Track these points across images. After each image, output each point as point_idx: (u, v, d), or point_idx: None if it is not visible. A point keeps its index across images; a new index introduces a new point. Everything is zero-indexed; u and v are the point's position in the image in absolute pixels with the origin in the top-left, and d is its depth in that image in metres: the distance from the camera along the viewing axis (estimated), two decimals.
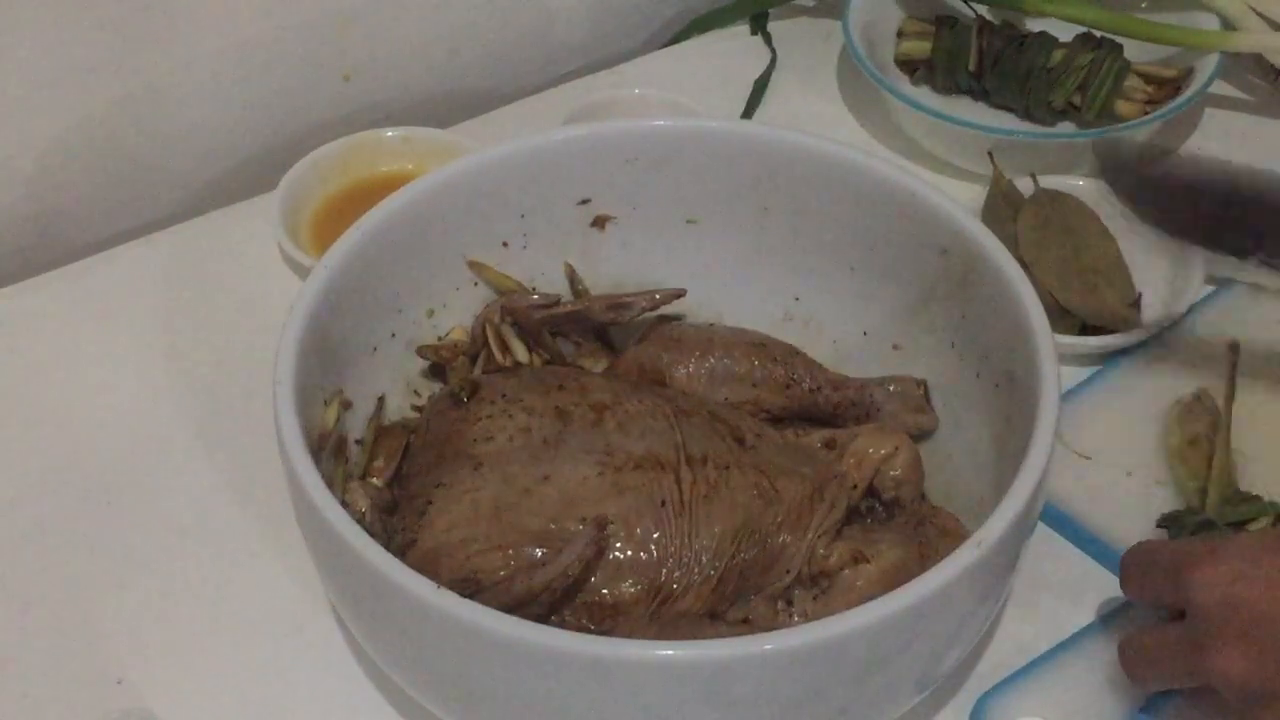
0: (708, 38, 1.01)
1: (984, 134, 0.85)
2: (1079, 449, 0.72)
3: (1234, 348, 0.74)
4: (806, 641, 0.51)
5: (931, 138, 0.88)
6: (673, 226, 0.72)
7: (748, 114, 0.94)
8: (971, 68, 0.90)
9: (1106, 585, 0.67)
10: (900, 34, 0.93)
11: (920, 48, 0.92)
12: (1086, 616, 0.66)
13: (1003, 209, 0.80)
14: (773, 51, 0.97)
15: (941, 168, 0.88)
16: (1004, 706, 0.62)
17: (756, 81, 0.95)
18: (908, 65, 0.93)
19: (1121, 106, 0.87)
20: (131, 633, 0.66)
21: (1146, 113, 0.87)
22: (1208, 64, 0.87)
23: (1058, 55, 0.88)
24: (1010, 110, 0.91)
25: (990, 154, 0.83)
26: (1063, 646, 0.64)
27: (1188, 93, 0.86)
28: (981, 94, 0.91)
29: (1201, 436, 0.70)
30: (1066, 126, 0.89)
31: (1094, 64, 0.87)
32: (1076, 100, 0.88)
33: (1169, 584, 0.56)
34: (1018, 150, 0.85)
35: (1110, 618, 0.65)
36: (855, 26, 0.90)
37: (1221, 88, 0.93)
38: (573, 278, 0.73)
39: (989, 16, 0.93)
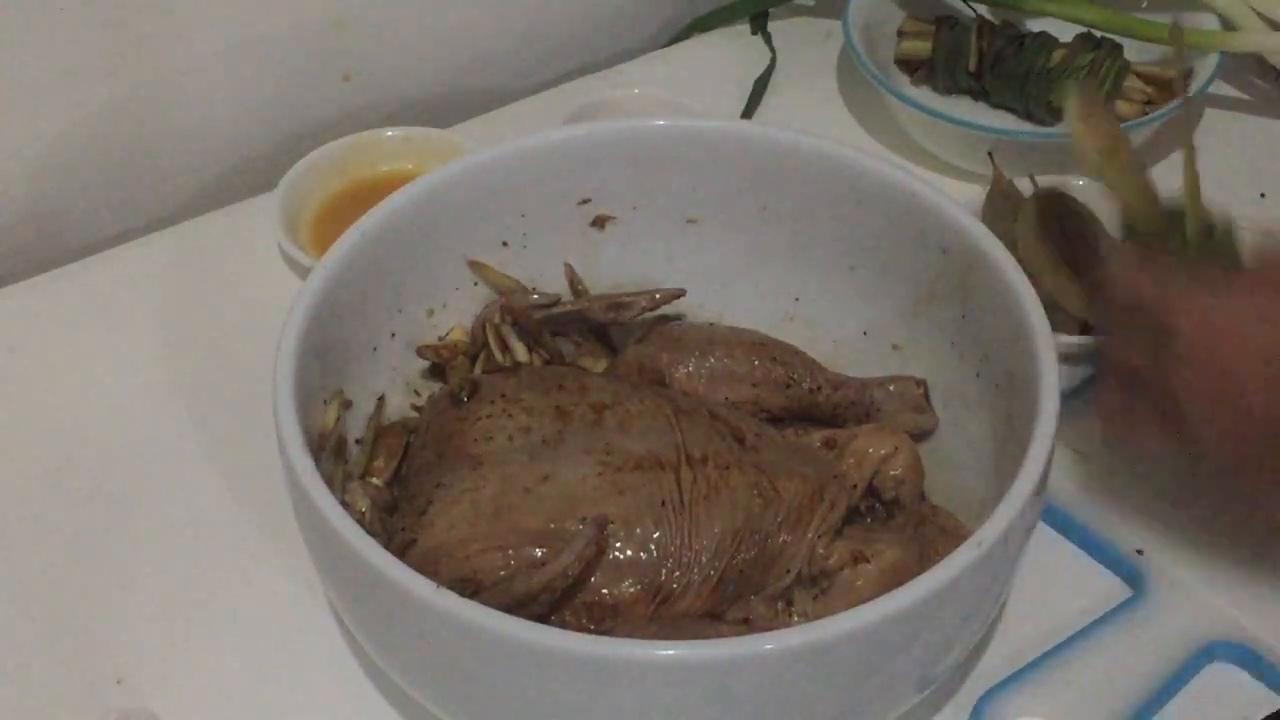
0: (708, 38, 1.01)
1: (983, 134, 0.85)
2: (1079, 448, 0.72)
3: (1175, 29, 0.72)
4: (807, 641, 0.51)
5: (931, 138, 0.88)
6: (673, 226, 0.72)
7: (748, 114, 0.94)
8: (971, 68, 0.90)
9: (1107, 585, 0.67)
10: (900, 34, 0.93)
11: (920, 48, 0.92)
12: (1087, 616, 0.66)
13: (1003, 209, 0.80)
14: (772, 51, 0.97)
15: (942, 168, 0.88)
16: (1004, 706, 0.62)
17: (756, 81, 0.95)
18: (908, 65, 0.93)
19: (1121, 106, 0.87)
20: (131, 633, 0.66)
21: (1146, 113, 0.87)
22: (1208, 64, 0.87)
23: (1057, 55, 0.88)
24: (1011, 110, 0.91)
25: (990, 154, 0.83)
26: (1063, 646, 0.64)
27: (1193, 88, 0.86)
28: (981, 94, 0.92)
29: (1118, 141, 0.65)
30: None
31: (1094, 64, 0.87)
32: None
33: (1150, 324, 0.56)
34: (1018, 150, 0.85)
35: (1111, 617, 0.65)
36: (855, 26, 0.90)
37: (1221, 88, 0.93)
38: (572, 278, 0.73)
39: (989, 16, 0.93)
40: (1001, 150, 0.83)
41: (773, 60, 0.97)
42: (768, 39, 0.98)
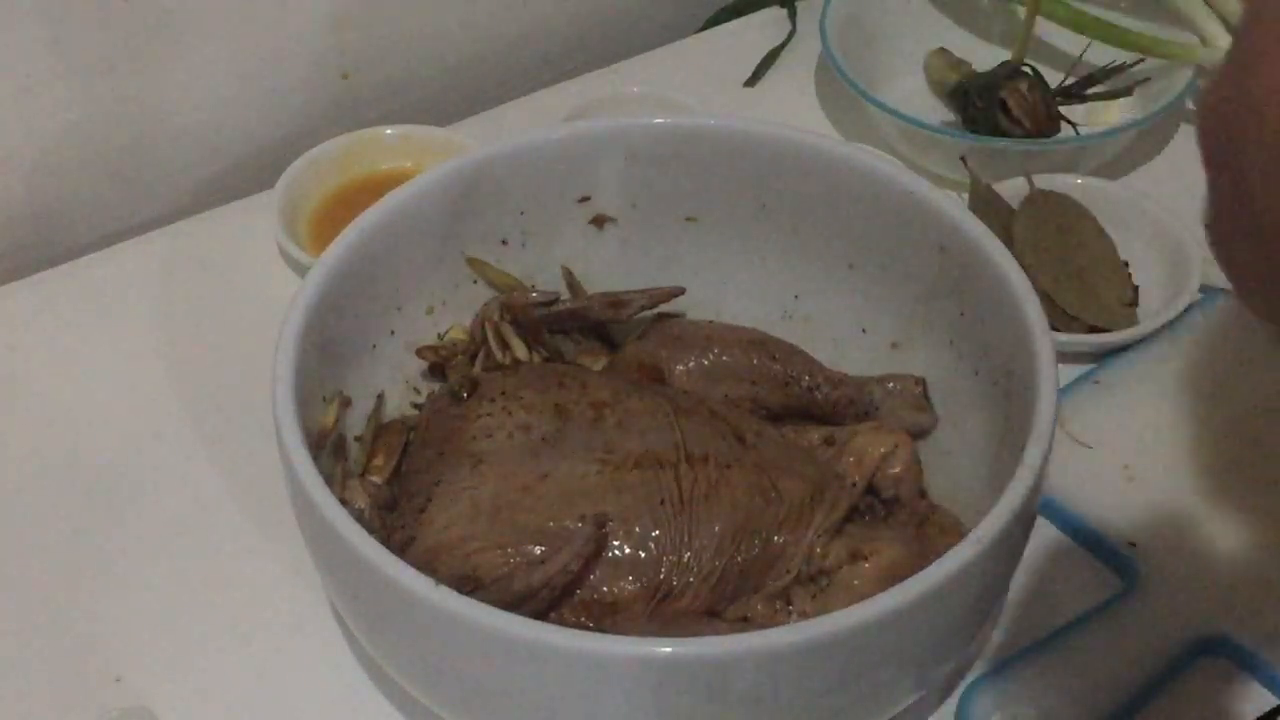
0: (706, 37, 1.01)
1: (960, 140, 0.85)
2: (1077, 436, 0.72)
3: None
4: (805, 639, 0.51)
5: (907, 143, 0.88)
6: (672, 224, 0.72)
7: (753, 81, 0.95)
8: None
9: (1099, 578, 0.67)
10: (927, 65, 0.94)
11: (949, 76, 0.92)
12: (1078, 609, 0.65)
13: (983, 213, 0.80)
14: (793, 26, 0.98)
15: (919, 172, 0.88)
16: (992, 696, 0.62)
17: (770, 51, 0.95)
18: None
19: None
20: (130, 631, 0.66)
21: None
22: (1182, 77, 0.87)
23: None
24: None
25: (963, 159, 0.82)
26: (1053, 638, 0.64)
27: (1162, 102, 0.86)
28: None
29: None
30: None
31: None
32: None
33: None
34: (991, 156, 0.84)
35: (1102, 609, 0.65)
36: (833, 25, 0.90)
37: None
38: (571, 282, 0.73)
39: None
40: (975, 156, 0.83)
41: (791, 33, 0.97)
42: (793, 12, 0.99)
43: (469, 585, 0.57)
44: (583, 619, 0.58)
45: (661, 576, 0.59)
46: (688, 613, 0.59)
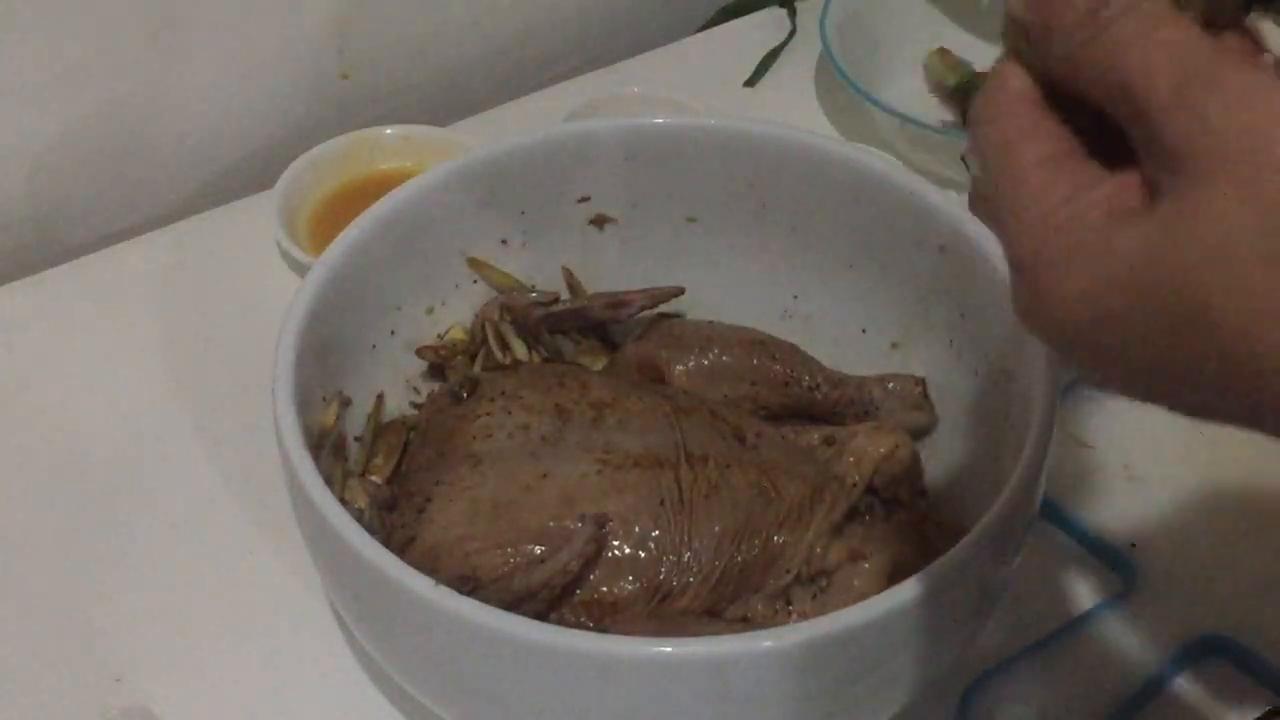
0: (706, 37, 1.01)
1: (958, 140, 0.85)
2: (1078, 437, 0.72)
3: None
4: (805, 638, 0.51)
5: (908, 143, 0.88)
6: (672, 224, 0.72)
7: (753, 81, 0.95)
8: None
9: (1099, 577, 0.67)
10: (927, 65, 0.94)
11: (948, 76, 0.92)
12: (1078, 608, 0.66)
13: None
14: (793, 26, 0.98)
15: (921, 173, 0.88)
16: (992, 695, 0.62)
17: (770, 51, 0.95)
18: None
19: None
20: (130, 631, 0.66)
21: None
22: None
23: None
24: None
25: (963, 158, 0.82)
26: (1053, 637, 0.64)
27: None
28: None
29: None
30: None
31: None
32: None
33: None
34: None
35: (1102, 609, 0.65)
36: (833, 25, 0.90)
37: None
38: (571, 282, 0.73)
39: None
40: None
41: (791, 32, 0.97)
42: (792, 12, 0.99)
43: (469, 585, 0.57)
44: (583, 619, 0.58)
45: (661, 576, 0.59)
46: (688, 613, 0.59)
